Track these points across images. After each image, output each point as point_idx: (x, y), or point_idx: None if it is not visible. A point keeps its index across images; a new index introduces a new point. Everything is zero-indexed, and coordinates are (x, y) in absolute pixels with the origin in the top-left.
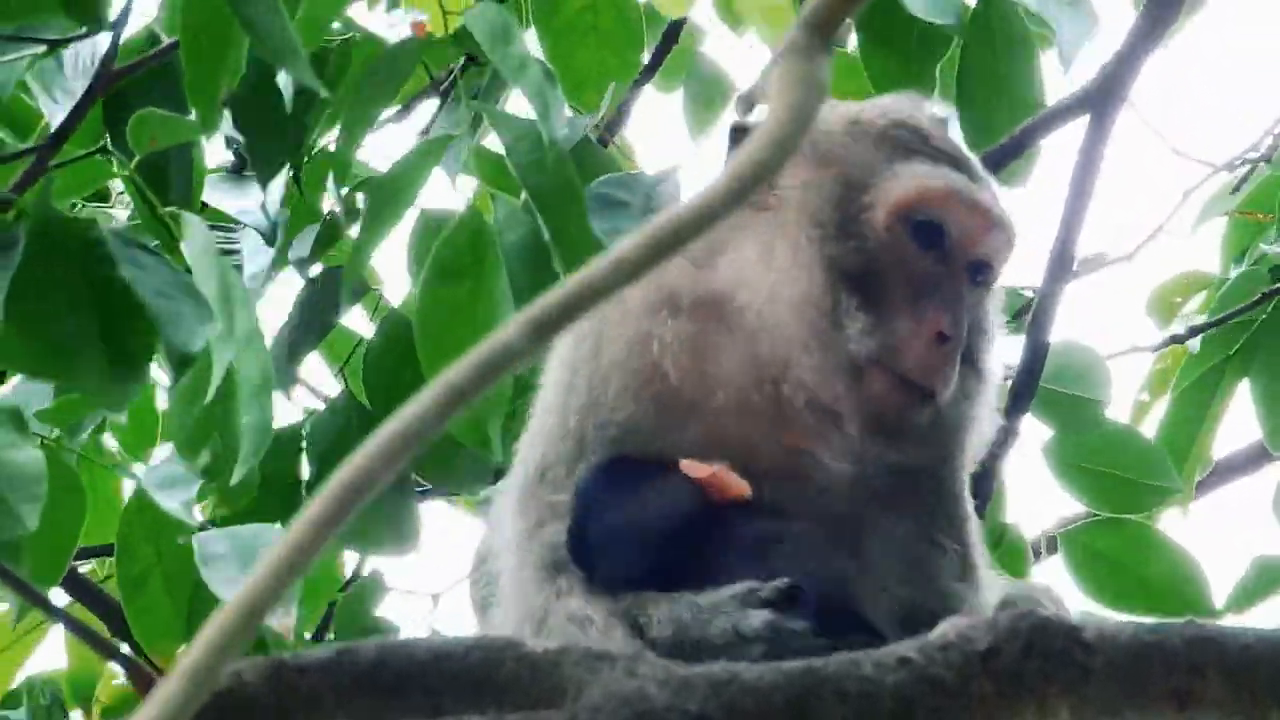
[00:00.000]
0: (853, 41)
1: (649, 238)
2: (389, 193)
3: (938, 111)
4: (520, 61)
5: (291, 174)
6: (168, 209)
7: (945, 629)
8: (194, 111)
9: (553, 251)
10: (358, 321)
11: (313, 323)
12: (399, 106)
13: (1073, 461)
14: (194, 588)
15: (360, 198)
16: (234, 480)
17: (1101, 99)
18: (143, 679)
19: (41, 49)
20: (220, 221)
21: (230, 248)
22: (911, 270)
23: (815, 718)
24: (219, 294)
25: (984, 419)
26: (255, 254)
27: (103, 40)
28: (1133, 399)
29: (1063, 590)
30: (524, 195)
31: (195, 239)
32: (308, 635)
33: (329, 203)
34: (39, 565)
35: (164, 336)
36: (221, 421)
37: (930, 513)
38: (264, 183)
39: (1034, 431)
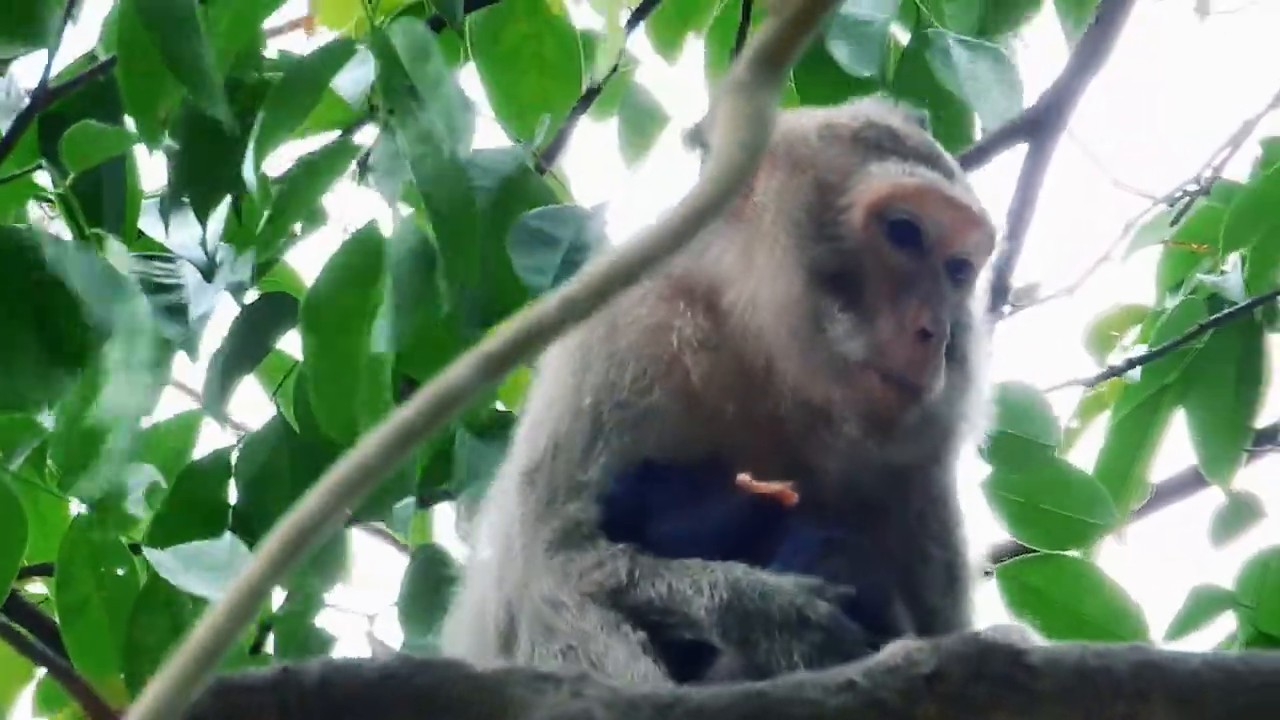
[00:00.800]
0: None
1: (598, 277)
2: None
3: (912, 112)
4: (436, 79)
5: (231, 202)
6: (94, 230)
7: (892, 651)
8: (135, 125)
9: (440, 268)
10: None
11: (247, 349)
12: (339, 133)
13: (1009, 496)
14: (132, 615)
15: (299, 226)
16: (129, 510)
17: (1040, 128)
18: (98, 709)
19: None
20: (160, 251)
21: (168, 281)
22: (890, 269)
23: None
24: (126, 324)
25: (975, 416)
26: (200, 293)
27: (41, 59)
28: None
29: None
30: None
31: (116, 264)
32: (246, 650)
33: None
34: None
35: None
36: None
37: (921, 518)
38: (201, 215)
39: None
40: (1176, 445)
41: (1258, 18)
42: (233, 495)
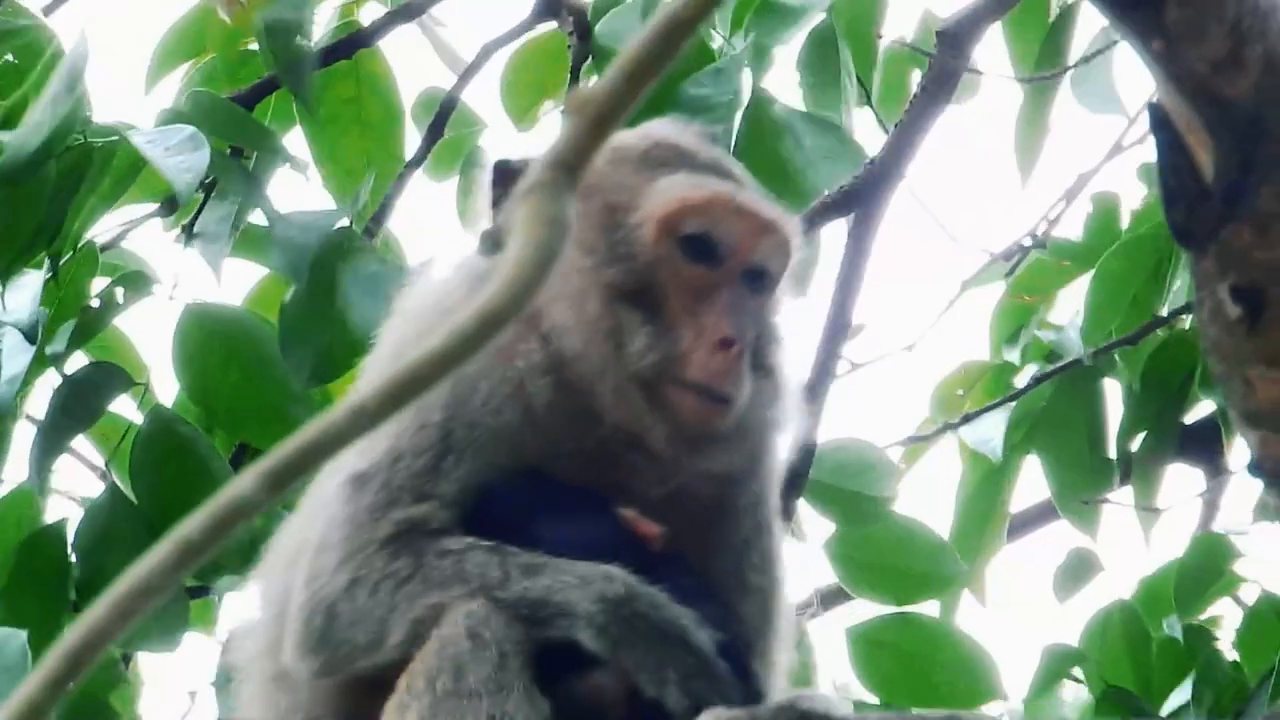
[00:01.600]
0: None
1: (390, 385)
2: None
3: (703, 129)
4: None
5: (49, 267)
6: None
7: (709, 718)
8: None
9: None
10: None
11: (71, 418)
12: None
13: (851, 555)
14: None
15: (120, 292)
16: None
17: (863, 198)
18: None
19: None
20: None
21: None
22: (687, 282)
23: None
24: None
25: (785, 422)
26: (14, 353)
27: None
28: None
29: (852, 689)
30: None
31: None
32: None
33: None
34: None
35: None
36: None
37: (745, 545)
38: (4, 276)
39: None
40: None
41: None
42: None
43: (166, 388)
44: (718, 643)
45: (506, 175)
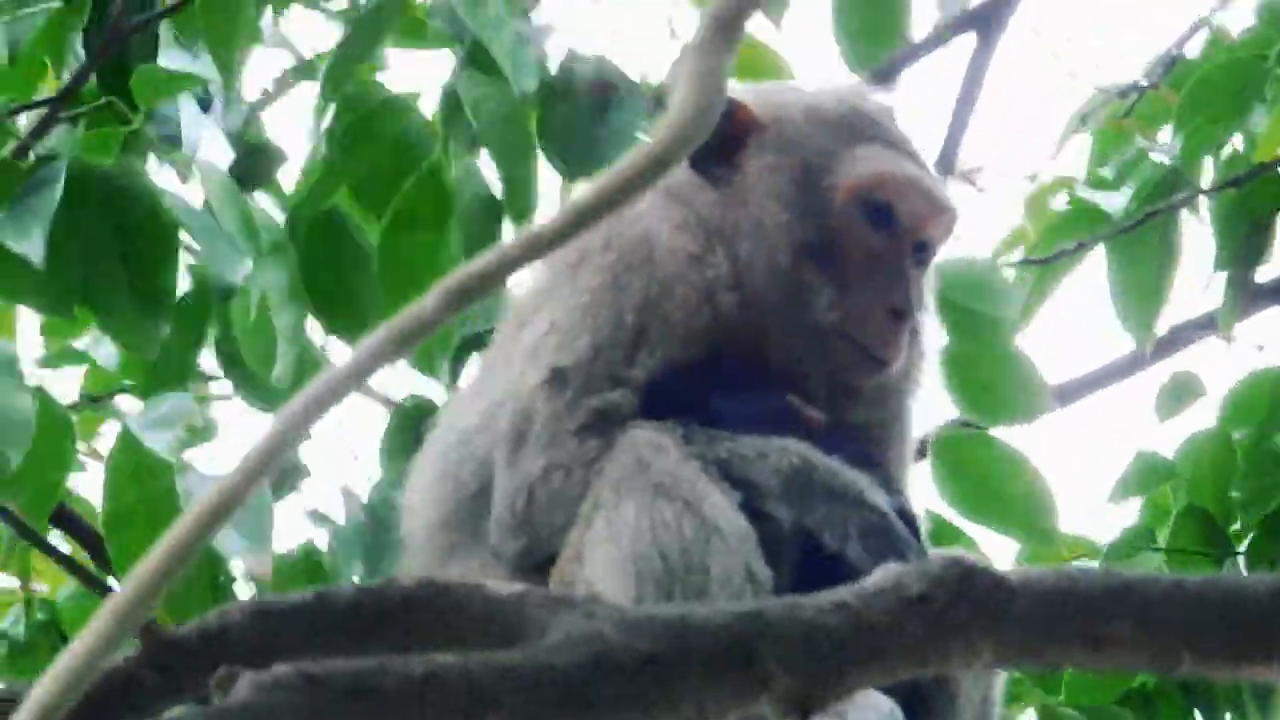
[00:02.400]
0: None
1: (561, 217)
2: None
3: (884, 101)
4: (496, 22)
5: None
6: (175, 155)
7: (880, 575)
8: (213, 60)
9: (505, 203)
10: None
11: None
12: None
13: (961, 372)
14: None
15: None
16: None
17: (986, 20)
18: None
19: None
20: None
21: None
22: (865, 248)
23: (760, 658)
24: (242, 230)
25: (924, 388)
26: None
27: None
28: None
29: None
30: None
31: (211, 182)
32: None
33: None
34: (30, 501)
35: (210, 271)
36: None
37: (880, 441)
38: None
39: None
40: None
41: None
42: None
43: None
44: (892, 505)
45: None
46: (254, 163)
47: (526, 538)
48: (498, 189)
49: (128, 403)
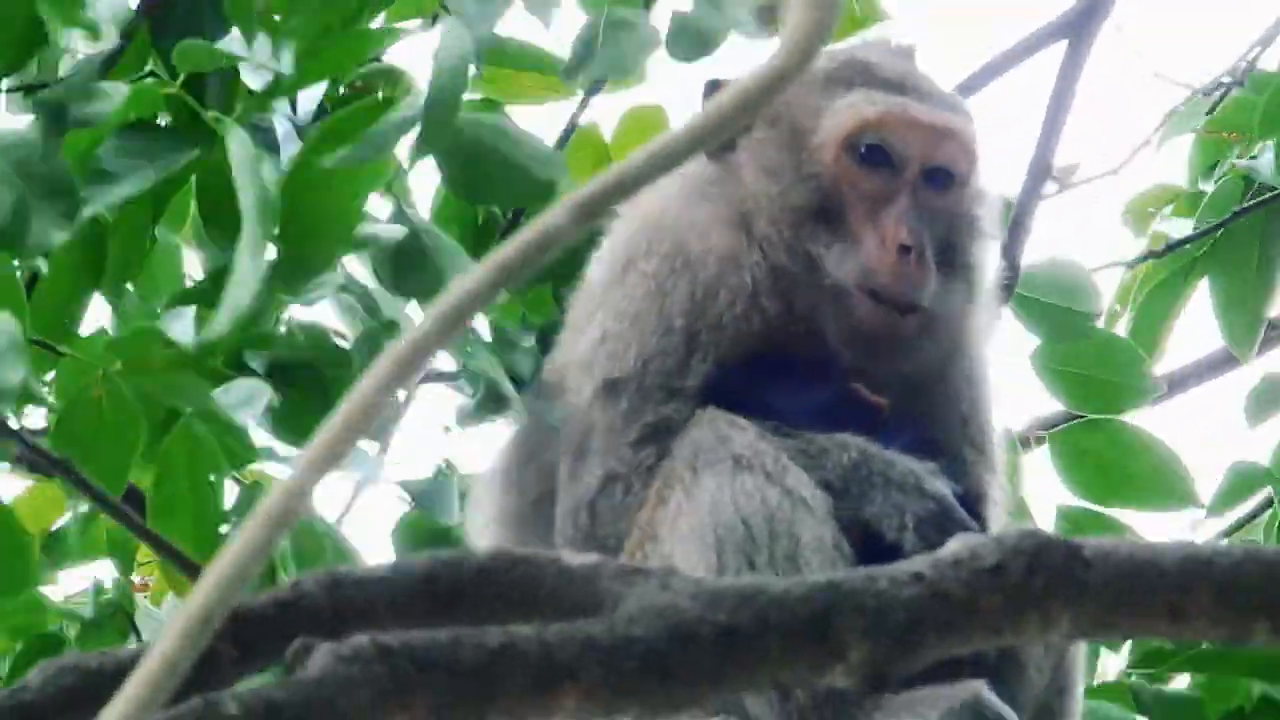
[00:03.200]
0: None
1: (687, 129)
2: None
3: (901, 45)
4: None
5: None
6: (211, 114)
7: (956, 546)
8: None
9: None
10: None
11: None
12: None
13: (1056, 366)
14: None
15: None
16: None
17: (1079, 25)
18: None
19: None
20: None
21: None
22: (866, 193)
23: (836, 629)
24: (257, 205)
25: (978, 313)
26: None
27: None
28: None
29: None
30: None
31: (238, 148)
32: None
33: None
34: (103, 477)
35: None
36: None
37: (963, 419)
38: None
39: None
40: (1206, 327)
41: None
42: None
43: None
44: (954, 492)
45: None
46: None
47: (594, 550)
48: None
49: None
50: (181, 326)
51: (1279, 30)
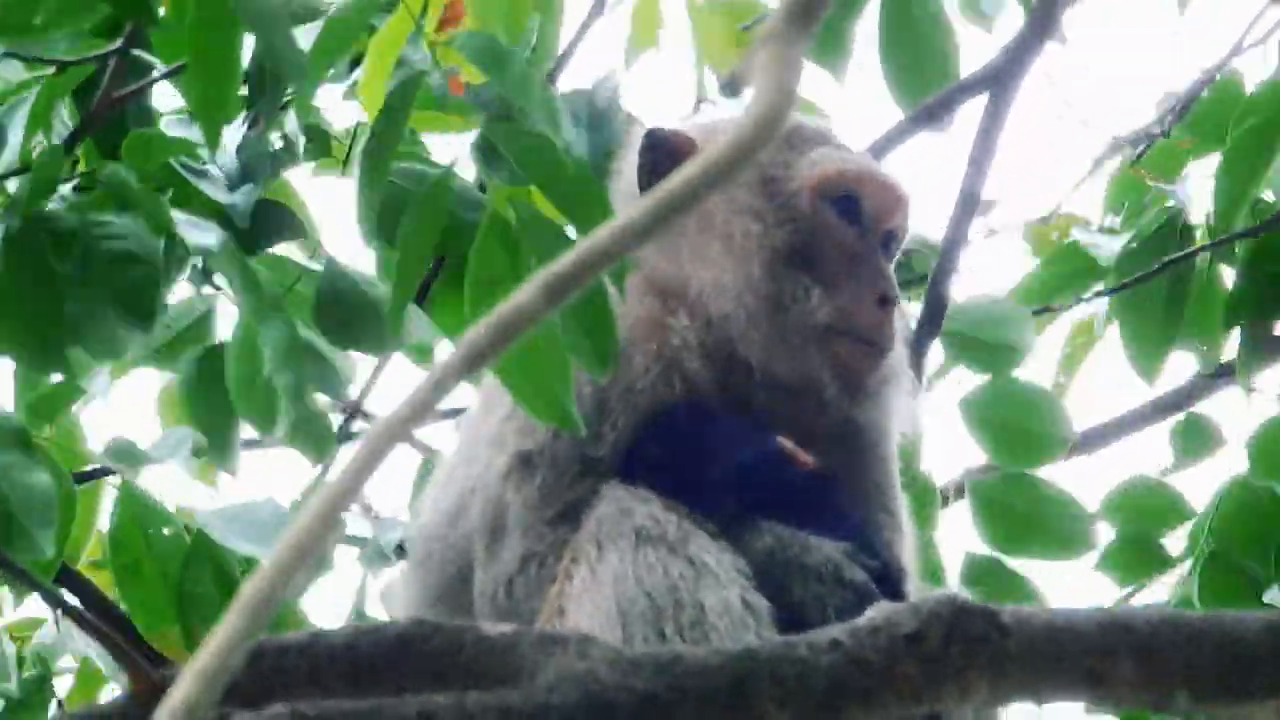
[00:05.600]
0: None
1: (654, 205)
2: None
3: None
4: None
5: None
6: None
7: (873, 614)
8: (201, 130)
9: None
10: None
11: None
12: None
13: (980, 414)
14: (182, 571)
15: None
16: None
17: (1001, 79)
18: (140, 676)
19: (50, 70)
20: None
21: None
22: (839, 244)
23: (754, 697)
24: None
25: (903, 376)
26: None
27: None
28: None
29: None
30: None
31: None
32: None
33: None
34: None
35: None
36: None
37: (880, 482)
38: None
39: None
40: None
41: None
42: None
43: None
44: (872, 570)
45: (657, 145)
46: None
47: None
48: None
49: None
50: None
51: (1206, 83)
